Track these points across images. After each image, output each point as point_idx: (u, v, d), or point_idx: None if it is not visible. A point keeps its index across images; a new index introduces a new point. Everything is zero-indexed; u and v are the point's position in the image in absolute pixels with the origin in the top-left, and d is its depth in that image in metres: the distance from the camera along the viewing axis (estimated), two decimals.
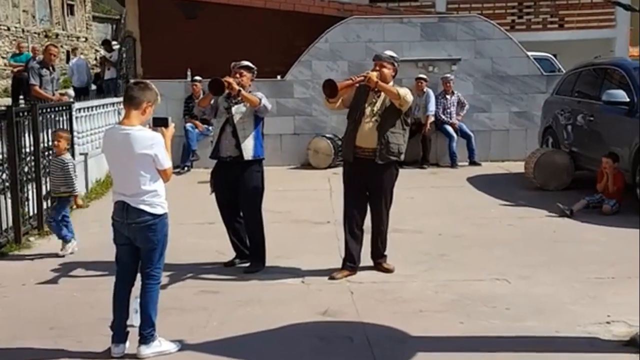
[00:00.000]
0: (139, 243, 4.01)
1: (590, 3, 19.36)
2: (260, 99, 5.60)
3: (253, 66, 5.80)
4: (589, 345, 4.12)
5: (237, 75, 5.65)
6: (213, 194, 5.86)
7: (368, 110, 5.43)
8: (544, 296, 5.00)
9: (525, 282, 5.33)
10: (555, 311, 4.69)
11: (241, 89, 5.54)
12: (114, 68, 14.82)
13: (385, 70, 5.43)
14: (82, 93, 15.24)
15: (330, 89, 5.27)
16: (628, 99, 7.92)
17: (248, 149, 5.61)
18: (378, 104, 5.43)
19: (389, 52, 5.63)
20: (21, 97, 14.11)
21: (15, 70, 15.12)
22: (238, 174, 5.65)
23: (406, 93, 5.35)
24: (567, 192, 8.65)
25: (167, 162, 3.97)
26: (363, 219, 5.61)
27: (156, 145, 3.91)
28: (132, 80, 4.55)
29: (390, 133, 5.39)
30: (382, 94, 5.40)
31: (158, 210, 3.98)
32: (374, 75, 5.32)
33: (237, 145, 5.60)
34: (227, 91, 5.54)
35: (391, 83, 5.47)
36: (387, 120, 5.39)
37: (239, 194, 5.72)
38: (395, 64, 5.54)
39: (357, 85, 5.41)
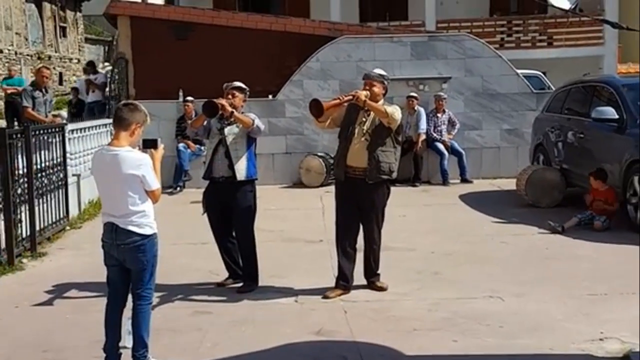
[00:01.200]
0: (128, 264, 4.01)
1: (578, 21, 19.60)
2: (253, 120, 5.63)
3: (245, 87, 5.84)
4: None
5: (230, 97, 5.69)
6: (205, 214, 5.86)
7: (358, 129, 5.44)
8: (538, 313, 5.01)
9: (518, 300, 5.33)
10: (548, 328, 4.69)
11: (234, 110, 5.57)
12: (99, 90, 14.82)
13: (376, 89, 5.45)
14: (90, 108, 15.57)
15: (316, 108, 5.27)
16: (617, 116, 7.98)
17: (241, 170, 5.63)
18: (368, 123, 5.44)
19: (378, 71, 5.63)
20: (15, 120, 14.17)
21: (8, 93, 15.13)
22: (231, 194, 5.66)
23: (394, 111, 5.35)
24: (559, 209, 8.69)
25: (155, 183, 3.97)
26: (356, 238, 5.62)
27: (144, 166, 3.93)
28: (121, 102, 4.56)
29: (381, 152, 5.40)
30: (372, 112, 5.43)
31: (147, 231, 3.98)
32: (362, 94, 5.33)
33: (230, 166, 5.62)
34: (220, 112, 5.57)
35: (382, 101, 5.50)
36: (377, 139, 5.40)
37: (231, 214, 5.72)
38: (385, 82, 5.56)
39: (346, 104, 5.42)
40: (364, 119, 5.46)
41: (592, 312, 5.00)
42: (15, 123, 13.81)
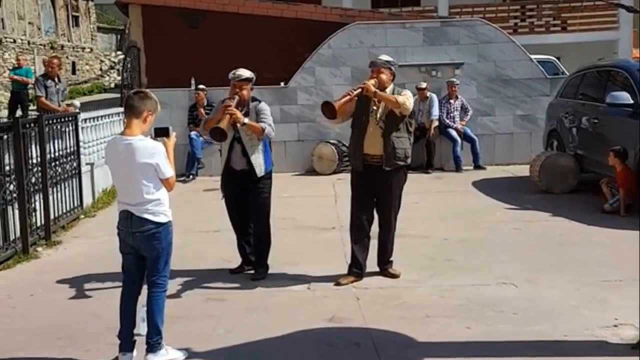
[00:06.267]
0: (144, 252, 4.03)
1: (592, 5, 19.39)
2: (263, 130, 5.53)
3: (251, 75, 5.65)
4: (597, 349, 4.10)
5: (237, 89, 5.58)
6: (223, 201, 5.85)
7: (371, 118, 5.42)
8: (551, 300, 4.99)
9: (532, 286, 5.31)
10: (562, 315, 4.68)
11: (246, 121, 5.47)
12: None
13: (383, 77, 5.41)
14: None
15: (329, 111, 5.24)
16: (632, 101, 7.90)
17: (260, 166, 5.63)
18: (380, 110, 5.42)
19: (384, 57, 5.57)
20: (20, 109, 14.20)
21: (15, 80, 15.15)
22: (249, 184, 5.66)
23: (405, 100, 5.31)
24: (573, 195, 8.64)
25: (169, 171, 3.99)
26: (370, 225, 5.61)
27: (157, 154, 3.94)
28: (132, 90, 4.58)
29: (396, 138, 5.39)
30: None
31: (162, 219, 4.00)
32: (370, 84, 5.30)
33: (248, 162, 5.62)
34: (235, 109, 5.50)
35: (390, 86, 5.47)
36: (392, 125, 5.39)
37: (250, 202, 5.73)
38: (392, 68, 5.51)
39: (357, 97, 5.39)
40: (375, 107, 5.43)
41: (606, 298, 4.97)
42: (19, 112, 13.87)
